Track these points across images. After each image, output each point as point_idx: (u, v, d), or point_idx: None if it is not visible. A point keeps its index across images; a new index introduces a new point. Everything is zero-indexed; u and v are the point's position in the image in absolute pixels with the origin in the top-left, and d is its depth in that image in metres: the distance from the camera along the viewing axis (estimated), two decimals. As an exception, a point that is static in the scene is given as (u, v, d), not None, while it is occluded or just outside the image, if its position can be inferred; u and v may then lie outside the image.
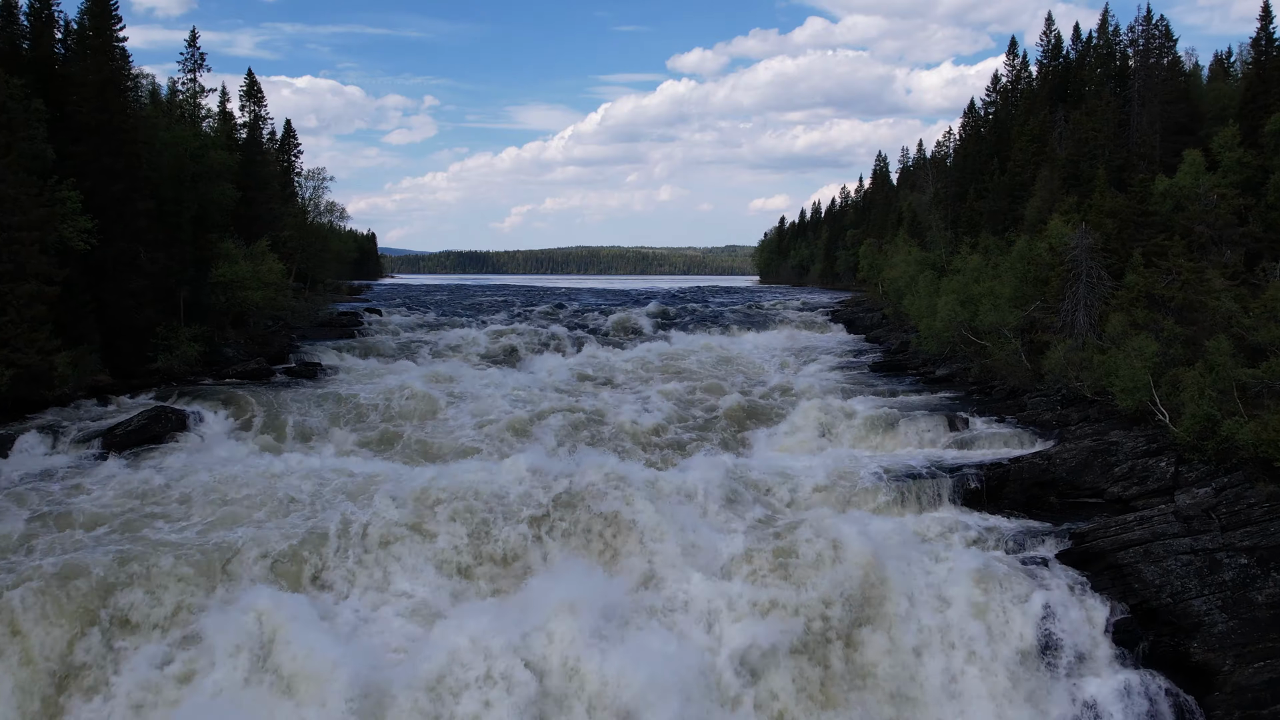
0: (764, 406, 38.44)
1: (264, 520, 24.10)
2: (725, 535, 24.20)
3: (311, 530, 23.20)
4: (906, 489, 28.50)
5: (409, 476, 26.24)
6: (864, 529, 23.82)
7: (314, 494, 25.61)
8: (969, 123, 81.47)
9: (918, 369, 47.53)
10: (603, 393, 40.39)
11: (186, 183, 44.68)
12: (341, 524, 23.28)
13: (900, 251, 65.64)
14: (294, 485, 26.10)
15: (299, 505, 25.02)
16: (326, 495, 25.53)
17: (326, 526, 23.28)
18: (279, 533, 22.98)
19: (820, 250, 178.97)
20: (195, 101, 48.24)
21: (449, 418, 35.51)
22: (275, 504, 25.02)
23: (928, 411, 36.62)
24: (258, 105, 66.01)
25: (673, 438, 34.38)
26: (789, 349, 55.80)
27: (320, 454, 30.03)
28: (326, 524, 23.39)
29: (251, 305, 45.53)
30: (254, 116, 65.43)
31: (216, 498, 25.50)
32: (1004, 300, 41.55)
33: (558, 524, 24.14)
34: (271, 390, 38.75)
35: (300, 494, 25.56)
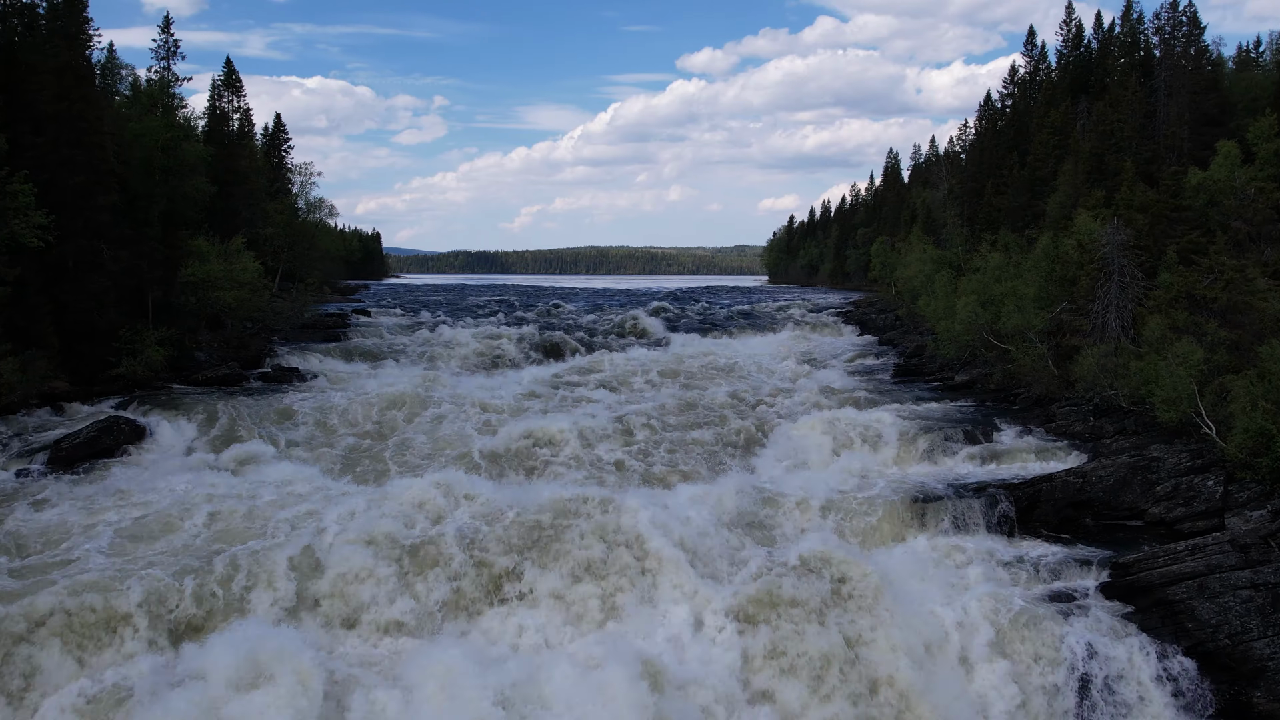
0: (770, 416, 35.60)
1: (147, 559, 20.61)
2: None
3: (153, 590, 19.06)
4: (927, 511, 25.68)
5: (354, 504, 23.34)
6: (881, 568, 20.97)
7: (227, 526, 22.60)
8: (985, 116, 78.50)
9: (935, 374, 44.64)
10: (593, 401, 37.54)
11: (156, 176, 42.07)
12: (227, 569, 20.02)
13: (915, 250, 62.69)
14: (220, 509, 23.22)
15: (194, 549, 21.34)
16: (235, 527, 22.42)
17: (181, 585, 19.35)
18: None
19: (830, 249, 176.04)
20: (168, 91, 45.58)
21: (420, 431, 32.71)
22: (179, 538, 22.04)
23: (948, 422, 33.80)
24: (236, 96, 63.22)
25: (665, 456, 31.28)
26: (798, 352, 52.88)
27: (268, 472, 27.25)
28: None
29: (224, 306, 42.85)
30: (232, 108, 62.65)
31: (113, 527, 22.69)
32: (1028, 301, 38.68)
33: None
34: (239, 398, 36.08)
35: (208, 527, 22.56)
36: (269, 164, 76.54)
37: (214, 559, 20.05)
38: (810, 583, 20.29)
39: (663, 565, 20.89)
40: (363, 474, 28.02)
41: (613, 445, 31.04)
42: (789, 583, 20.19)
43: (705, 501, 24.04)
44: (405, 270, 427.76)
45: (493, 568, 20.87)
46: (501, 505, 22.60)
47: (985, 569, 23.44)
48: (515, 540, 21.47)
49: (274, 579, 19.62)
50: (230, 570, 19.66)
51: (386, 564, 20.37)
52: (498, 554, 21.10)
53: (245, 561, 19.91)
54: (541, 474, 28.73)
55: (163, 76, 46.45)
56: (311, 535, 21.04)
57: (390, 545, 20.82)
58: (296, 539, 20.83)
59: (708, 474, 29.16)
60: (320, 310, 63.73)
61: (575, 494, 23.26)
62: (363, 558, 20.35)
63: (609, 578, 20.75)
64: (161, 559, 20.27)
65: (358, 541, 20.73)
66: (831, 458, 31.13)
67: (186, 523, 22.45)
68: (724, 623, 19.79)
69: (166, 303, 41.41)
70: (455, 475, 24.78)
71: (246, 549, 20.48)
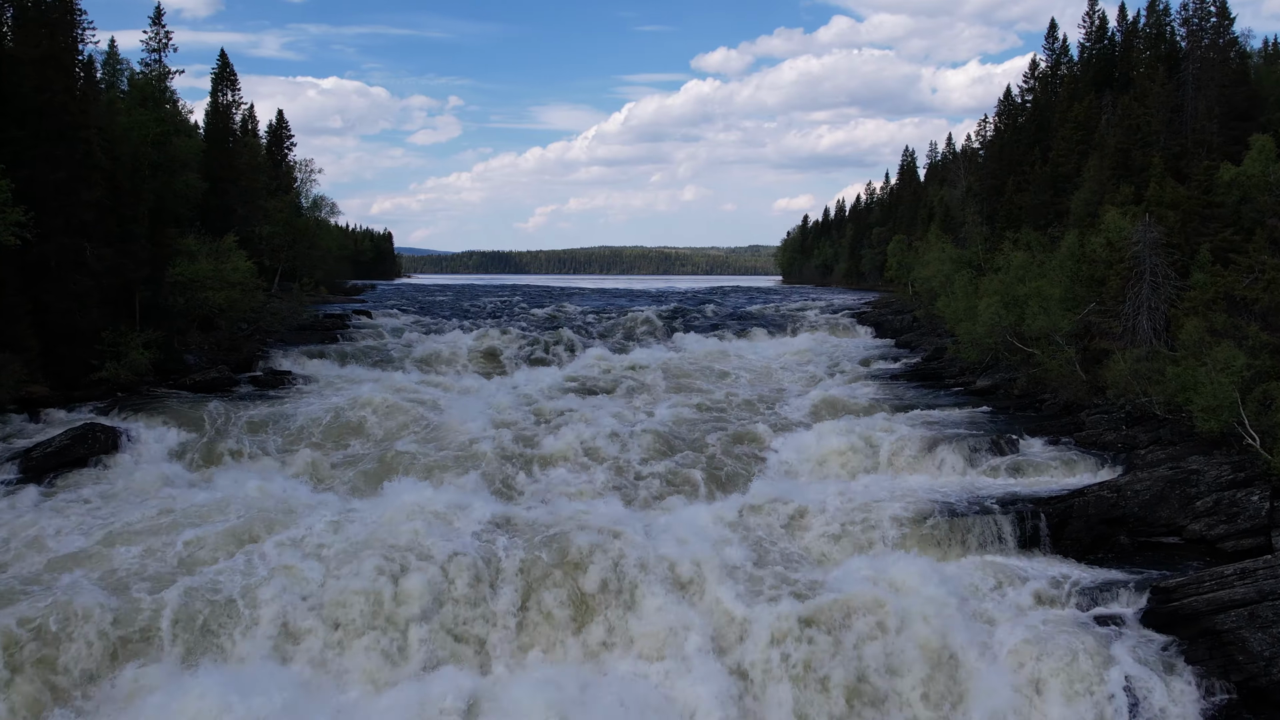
0: (783, 424, 33.78)
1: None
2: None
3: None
4: (949, 528, 23.87)
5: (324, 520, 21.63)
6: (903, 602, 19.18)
7: (180, 555, 20.81)
8: (1006, 112, 76.38)
9: (955, 378, 42.70)
10: (594, 408, 35.75)
11: (144, 172, 40.52)
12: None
13: (933, 249, 60.63)
14: (171, 538, 21.46)
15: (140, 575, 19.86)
16: (175, 557, 20.63)
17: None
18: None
19: (845, 249, 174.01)
20: (160, 85, 43.99)
21: (411, 442, 30.99)
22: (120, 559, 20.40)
23: (970, 430, 31.91)
24: (231, 90, 61.49)
25: (670, 467, 29.22)
26: (812, 355, 50.97)
27: (240, 486, 25.50)
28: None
29: (214, 307, 41.24)
30: (227, 102, 60.81)
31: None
32: (1054, 302, 36.73)
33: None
34: (225, 404, 34.45)
35: (152, 555, 20.75)
36: (270, 161, 75.04)
37: (144, 592, 18.40)
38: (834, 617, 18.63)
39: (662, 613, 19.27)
40: (345, 489, 26.09)
41: (614, 457, 29.24)
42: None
43: (711, 524, 22.27)
44: (419, 270, 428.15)
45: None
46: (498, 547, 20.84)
47: (1015, 594, 21.69)
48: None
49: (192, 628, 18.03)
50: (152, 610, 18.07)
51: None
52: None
53: (173, 601, 18.23)
54: (537, 489, 26.99)
55: (153, 69, 44.91)
56: (261, 578, 19.31)
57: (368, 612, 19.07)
58: (232, 582, 19.19)
59: (716, 488, 27.32)
60: (320, 311, 62.15)
61: (574, 512, 21.59)
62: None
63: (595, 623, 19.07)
64: (91, 586, 18.64)
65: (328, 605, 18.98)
66: (847, 468, 29.32)
67: (127, 549, 20.63)
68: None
69: (154, 303, 39.86)
70: (450, 496, 23.05)
71: (180, 586, 18.83)
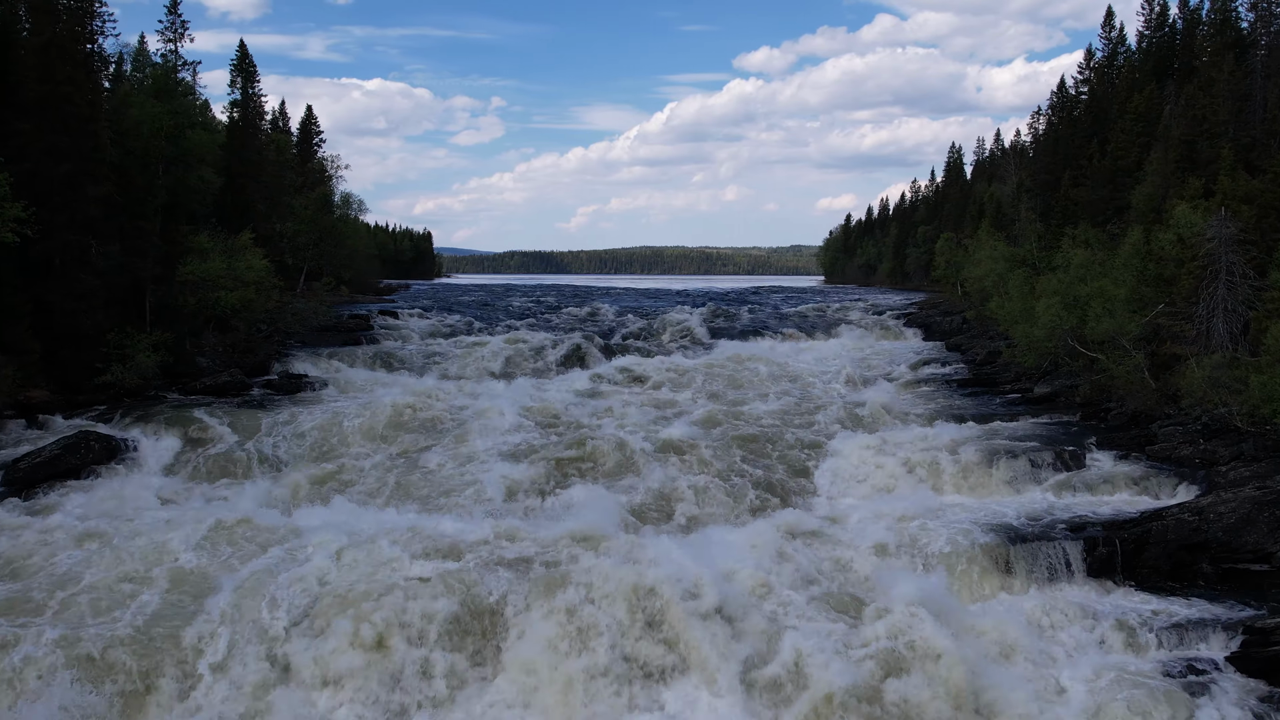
0: (825, 435, 31.27)
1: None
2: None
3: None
4: (1013, 556, 21.37)
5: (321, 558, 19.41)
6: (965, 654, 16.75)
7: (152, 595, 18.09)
8: (1060, 104, 73.26)
9: (1010, 384, 39.92)
10: (625, 416, 33.47)
11: (156, 167, 38.86)
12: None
13: (985, 247, 57.80)
14: (151, 567, 19.20)
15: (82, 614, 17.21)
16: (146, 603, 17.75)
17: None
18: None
19: (889, 248, 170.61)
20: (174, 75, 42.35)
21: (431, 455, 28.87)
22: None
23: (1031, 442, 29.29)
24: (249, 80, 59.68)
25: (699, 484, 26.71)
26: (857, 359, 48.35)
27: (233, 506, 23.42)
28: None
29: (227, 307, 39.44)
30: (245, 95, 59.01)
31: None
32: (1119, 303, 34.02)
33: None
34: (233, 410, 32.57)
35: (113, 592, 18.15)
36: (297, 158, 73.50)
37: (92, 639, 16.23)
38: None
39: (690, 650, 16.89)
40: (355, 511, 23.70)
41: (640, 473, 26.95)
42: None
43: (747, 549, 19.92)
44: (461, 270, 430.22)
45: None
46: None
47: (1087, 632, 19.21)
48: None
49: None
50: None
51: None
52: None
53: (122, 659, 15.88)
54: (555, 505, 24.76)
55: (169, 61, 43.30)
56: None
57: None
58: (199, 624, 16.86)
59: (749, 510, 24.93)
60: (345, 312, 60.39)
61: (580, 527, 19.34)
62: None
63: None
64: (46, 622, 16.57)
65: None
66: (896, 484, 26.84)
67: (88, 578, 18.49)
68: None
69: (166, 304, 38.13)
70: (451, 526, 20.85)
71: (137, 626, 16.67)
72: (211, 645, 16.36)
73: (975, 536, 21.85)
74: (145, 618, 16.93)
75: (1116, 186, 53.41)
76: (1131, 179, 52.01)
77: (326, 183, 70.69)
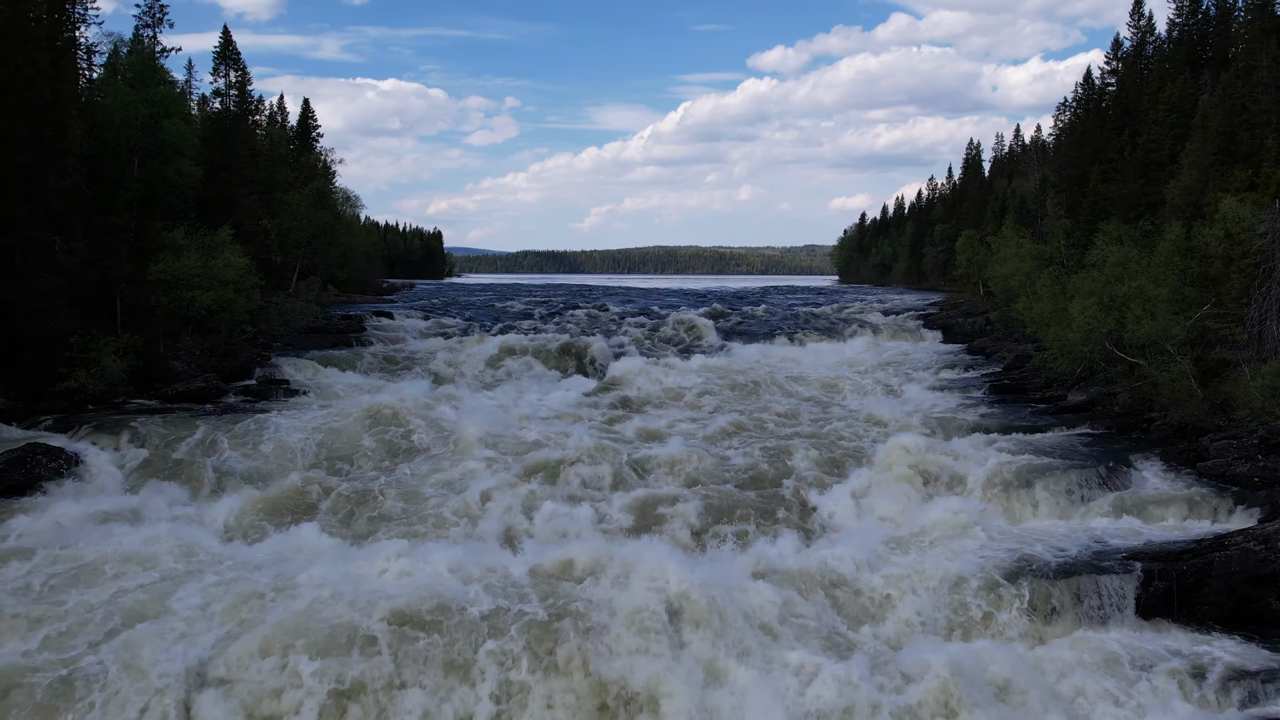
0: (841, 447, 28.71)
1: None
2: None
3: None
4: (1052, 591, 18.78)
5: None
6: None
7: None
8: (1086, 96, 70.38)
9: (1041, 391, 37.20)
10: (626, 426, 30.98)
11: (132, 158, 36.59)
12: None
13: (1010, 244, 55.07)
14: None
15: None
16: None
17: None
18: None
19: (904, 247, 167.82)
20: (152, 64, 40.02)
21: (406, 473, 26.38)
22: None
23: (1068, 457, 26.63)
24: (233, 69, 57.06)
25: (698, 508, 24.15)
26: (875, 363, 45.75)
27: (189, 530, 20.90)
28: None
29: (202, 308, 37.10)
30: (228, 83, 56.31)
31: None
32: (1161, 304, 31.35)
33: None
34: (205, 419, 30.20)
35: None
36: (292, 152, 71.14)
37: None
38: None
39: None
40: (308, 539, 21.16)
41: (636, 489, 24.42)
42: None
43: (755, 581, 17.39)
44: (475, 270, 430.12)
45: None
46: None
47: (1144, 681, 16.64)
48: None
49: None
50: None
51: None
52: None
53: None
54: (543, 529, 22.24)
55: (146, 45, 40.90)
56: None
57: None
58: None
59: (758, 532, 22.35)
60: (338, 313, 58.02)
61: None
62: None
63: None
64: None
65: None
66: (920, 504, 24.25)
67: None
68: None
69: (138, 304, 35.80)
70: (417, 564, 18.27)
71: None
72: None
73: (1008, 569, 19.27)
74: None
75: (1149, 181, 50.65)
76: (1165, 173, 49.33)
77: (321, 178, 68.14)
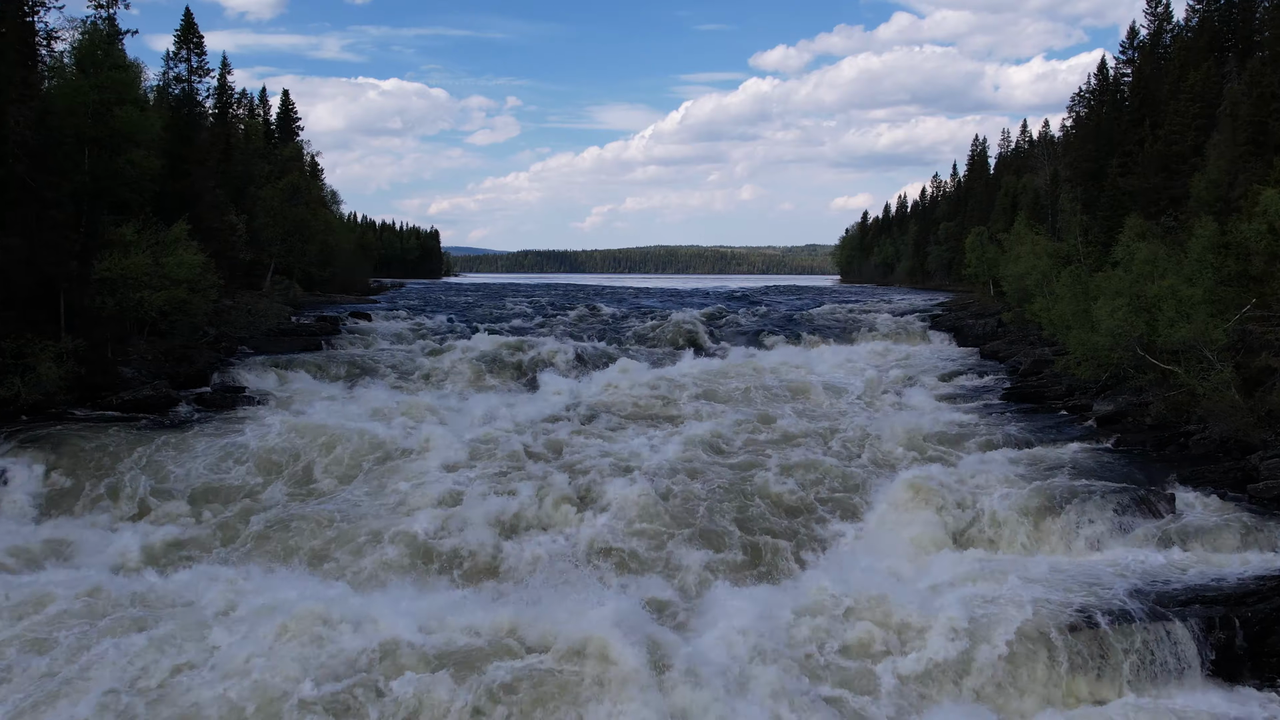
0: (843, 468, 25.78)
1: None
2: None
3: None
4: (1095, 645, 15.93)
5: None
6: None
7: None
8: (1101, 87, 67.50)
9: (1062, 400, 34.29)
10: (604, 443, 28.08)
11: (73, 148, 33.76)
12: None
13: (1024, 242, 52.21)
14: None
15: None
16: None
17: None
18: None
19: (908, 246, 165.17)
20: (106, 48, 37.19)
21: (355, 494, 23.59)
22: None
23: (1100, 477, 23.74)
24: (196, 53, 53.95)
25: (691, 540, 21.37)
26: (880, 367, 42.89)
27: (89, 572, 18.08)
28: None
29: (151, 309, 34.27)
30: (190, 69, 53.07)
31: None
32: (1198, 306, 28.50)
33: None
34: (146, 432, 27.46)
35: None
36: (268, 146, 68.23)
37: None
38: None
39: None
40: (233, 577, 18.29)
41: (610, 525, 21.55)
42: None
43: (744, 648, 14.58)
44: (476, 270, 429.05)
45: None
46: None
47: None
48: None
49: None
50: None
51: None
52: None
53: None
54: (507, 570, 19.43)
55: (98, 27, 38.02)
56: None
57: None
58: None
59: (753, 578, 19.44)
60: (313, 314, 55.19)
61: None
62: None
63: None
64: None
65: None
66: (932, 539, 21.38)
67: None
68: None
69: (83, 306, 32.97)
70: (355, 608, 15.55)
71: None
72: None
73: (1042, 618, 16.41)
74: None
75: (1171, 174, 47.89)
76: (1187, 165, 46.54)
77: (297, 173, 64.99)
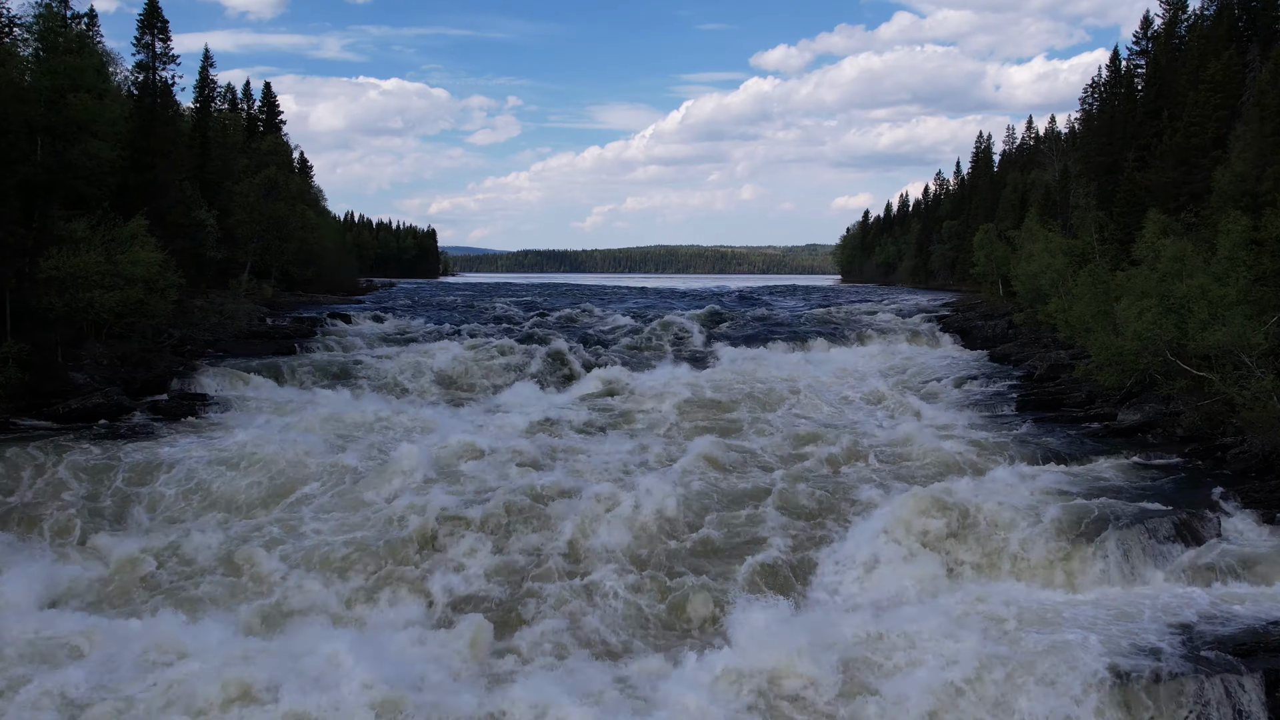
0: (849, 488, 23.53)
1: None
2: None
3: None
4: (1137, 699, 13.64)
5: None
6: None
7: None
8: (1114, 79, 65.18)
9: (1083, 408, 31.98)
10: (593, 456, 25.83)
11: (20, 136, 31.55)
12: None
13: (1037, 239, 49.89)
14: None
15: None
16: None
17: None
18: None
19: (910, 246, 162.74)
20: (64, 32, 34.99)
21: (314, 517, 21.33)
22: None
23: (1134, 500, 21.40)
24: (160, 39, 51.23)
25: (681, 572, 19.21)
26: (885, 372, 40.60)
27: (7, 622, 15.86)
28: None
29: (104, 310, 32.04)
30: (152, 56, 50.13)
31: None
32: (1234, 308, 26.22)
33: None
34: (90, 445, 25.18)
35: None
36: (248, 139, 65.97)
37: None
38: None
39: None
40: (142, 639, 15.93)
41: (598, 553, 19.30)
42: None
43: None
44: (476, 269, 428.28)
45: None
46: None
47: None
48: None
49: None
50: None
51: None
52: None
53: None
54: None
55: (53, 10, 35.71)
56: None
57: None
58: None
59: (742, 613, 17.09)
60: (289, 315, 52.88)
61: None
62: None
63: None
64: None
65: None
66: (951, 572, 19.09)
67: None
68: None
69: (32, 306, 30.76)
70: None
71: None
72: None
73: (1074, 667, 14.14)
74: None
75: (1190, 167, 45.53)
76: (1209, 158, 44.23)
77: (276, 168, 62.61)
